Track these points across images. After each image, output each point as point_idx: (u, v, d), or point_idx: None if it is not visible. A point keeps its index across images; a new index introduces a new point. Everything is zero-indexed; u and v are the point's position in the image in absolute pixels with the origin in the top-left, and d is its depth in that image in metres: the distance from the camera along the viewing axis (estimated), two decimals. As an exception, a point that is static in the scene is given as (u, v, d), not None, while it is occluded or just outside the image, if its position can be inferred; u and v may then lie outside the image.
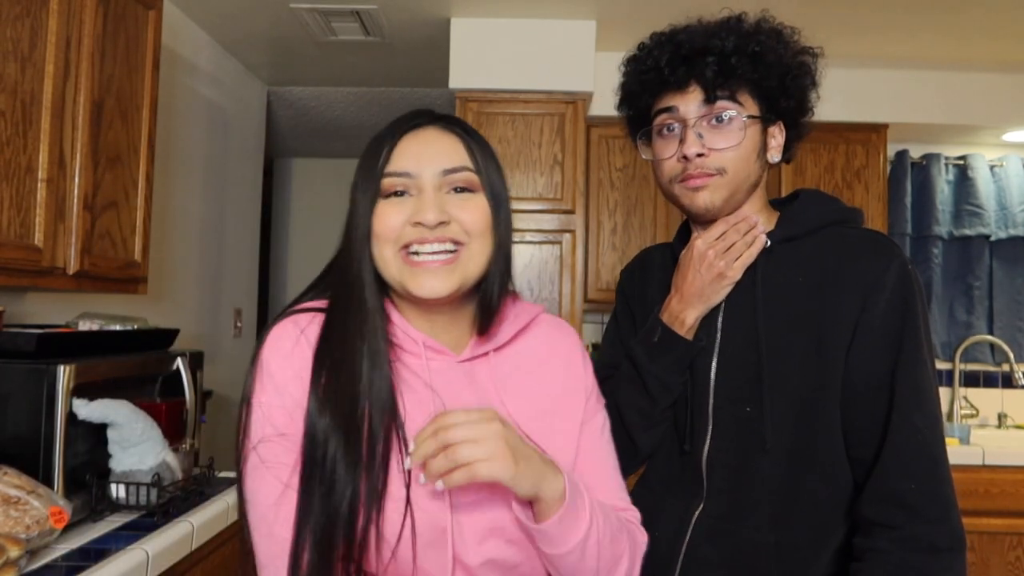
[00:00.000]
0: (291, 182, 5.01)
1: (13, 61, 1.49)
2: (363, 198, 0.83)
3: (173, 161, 2.63)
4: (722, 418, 1.02)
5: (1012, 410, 3.22)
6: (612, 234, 2.99)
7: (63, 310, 2.04)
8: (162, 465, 1.63)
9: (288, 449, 0.78)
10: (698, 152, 0.99)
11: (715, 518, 1.00)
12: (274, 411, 0.79)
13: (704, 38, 1.01)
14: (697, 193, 1.01)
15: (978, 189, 3.15)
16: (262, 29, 2.82)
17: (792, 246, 1.02)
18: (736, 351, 1.02)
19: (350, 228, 0.85)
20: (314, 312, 0.85)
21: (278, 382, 0.80)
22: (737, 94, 1.00)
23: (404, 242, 0.82)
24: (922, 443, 0.90)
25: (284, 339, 0.82)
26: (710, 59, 0.99)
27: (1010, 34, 2.67)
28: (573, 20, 2.70)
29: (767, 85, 1.01)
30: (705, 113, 1.00)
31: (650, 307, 1.12)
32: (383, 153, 0.84)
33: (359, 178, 0.85)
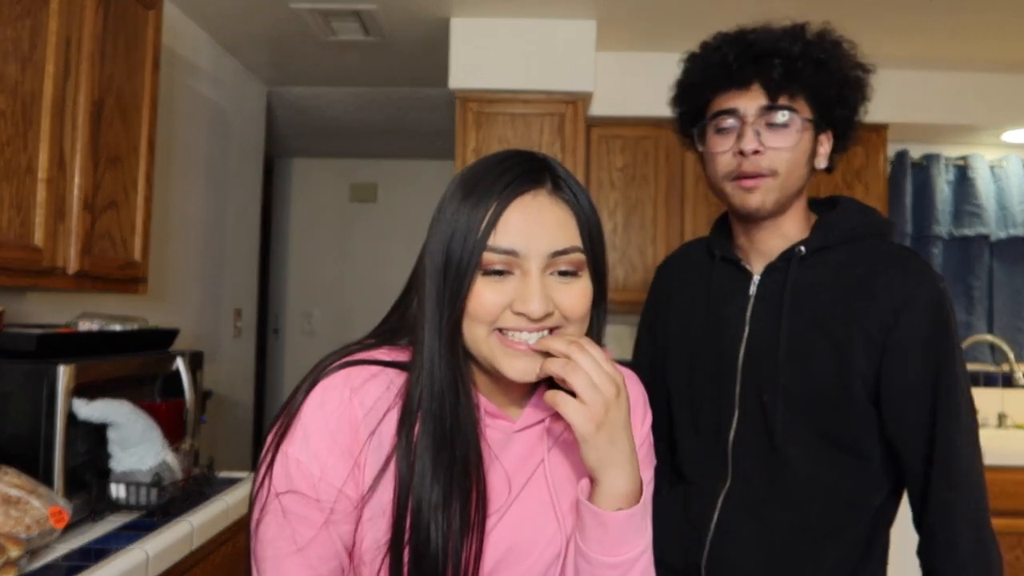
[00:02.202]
0: (291, 182, 5.01)
1: (13, 61, 1.49)
2: (459, 267, 0.73)
3: (173, 161, 2.63)
4: (747, 404, 1.08)
5: (1012, 410, 3.22)
6: (612, 234, 2.99)
7: (63, 310, 2.04)
8: (162, 465, 1.63)
9: (312, 510, 0.73)
10: (755, 149, 1.03)
11: (742, 498, 1.07)
12: (302, 470, 0.73)
13: (772, 41, 1.04)
14: (750, 194, 1.05)
15: (978, 189, 3.15)
16: (262, 29, 2.82)
17: (825, 253, 1.08)
18: (761, 343, 1.07)
19: (441, 292, 0.75)
20: (371, 365, 0.77)
21: (312, 446, 0.73)
22: (796, 98, 1.04)
23: (500, 326, 0.75)
24: (961, 457, 0.99)
25: (330, 400, 0.74)
26: (776, 61, 1.03)
27: (1010, 34, 2.67)
28: (573, 20, 2.70)
29: (825, 93, 1.05)
30: (764, 113, 1.04)
31: (678, 305, 1.22)
32: (486, 218, 0.73)
33: (455, 242, 0.74)
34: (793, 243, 1.09)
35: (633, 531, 0.76)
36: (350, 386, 0.75)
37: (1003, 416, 3.18)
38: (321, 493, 0.73)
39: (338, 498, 0.74)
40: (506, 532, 0.78)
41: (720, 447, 1.10)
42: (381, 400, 0.75)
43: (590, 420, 0.72)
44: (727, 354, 1.11)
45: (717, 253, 1.17)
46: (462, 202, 0.75)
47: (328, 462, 0.73)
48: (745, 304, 1.11)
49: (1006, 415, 3.18)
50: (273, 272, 4.89)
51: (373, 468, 0.74)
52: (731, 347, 1.11)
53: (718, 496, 1.09)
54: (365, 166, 4.92)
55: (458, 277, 0.73)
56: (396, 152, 4.71)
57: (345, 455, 0.73)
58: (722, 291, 1.15)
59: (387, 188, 4.91)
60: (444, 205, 0.77)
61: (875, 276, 1.03)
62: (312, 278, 4.90)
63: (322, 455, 0.73)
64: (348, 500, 0.74)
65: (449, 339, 0.75)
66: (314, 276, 4.90)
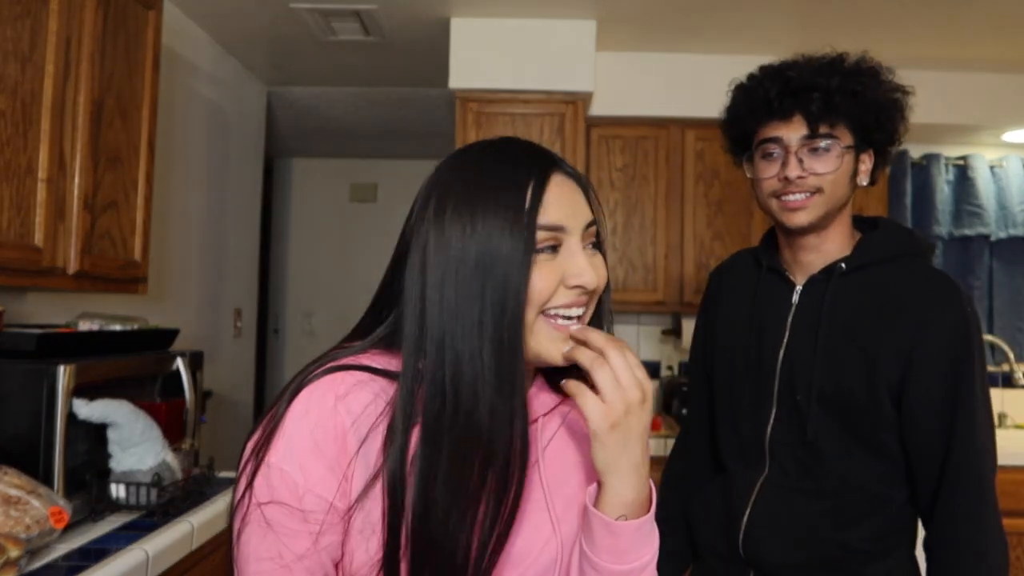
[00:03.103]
0: (291, 182, 5.01)
1: (13, 61, 1.49)
2: (511, 254, 0.69)
3: (173, 161, 2.63)
4: (784, 402, 1.20)
5: (1012, 410, 3.22)
6: (612, 234, 2.99)
7: (63, 310, 2.04)
8: (162, 465, 1.63)
9: (297, 522, 0.70)
10: (798, 175, 1.13)
11: (777, 485, 1.19)
12: (286, 481, 0.70)
13: (811, 75, 1.14)
14: (795, 213, 1.16)
15: (978, 189, 3.15)
16: (262, 29, 2.82)
17: (864, 270, 1.18)
18: (799, 348, 1.19)
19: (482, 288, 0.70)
20: (359, 371, 0.73)
21: (297, 455, 0.70)
22: (836, 126, 1.14)
23: (551, 306, 0.72)
24: (974, 467, 1.12)
25: (315, 408, 0.71)
26: (815, 95, 1.12)
27: (1010, 34, 2.67)
28: (573, 20, 2.70)
29: (863, 119, 1.15)
30: (806, 141, 1.14)
31: (726, 310, 1.33)
32: (529, 195, 0.71)
33: (497, 219, 0.70)
34: (833, 258, 1.20)
35: (642, 540, 0.74)
36: (335, 393, 0.71)
37: (1003, 416, 3.18)
38: (306, 504, 0.70)
39: (323, 509, 0.70)
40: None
41: (759, 440, 1.22)
42: (370, 407, 0.72)
43: (606, 417, 0.70)
44: (768, 356, 1.22)
45: (764, 263, 1.28)
46: (487, 190, 0.72)
47: (313, 472, 0.70)
48: (787, 312, 1.22)
49: (1006, 415, 3.18)
50: (273, 272, 4.89)
51: (361, 479, 0.71)
52: (772, 350, 1.22)
53: (755, 483, 1.21)
54: (365, 166, 4.92)
55: (512, 265, 0.69)
56: (396, 152, 4.71)
57: (331, 465, 0.70)
58: (767, 298, 1.26)
59: (387, 188, 4.91)
60: (447, 200, 0.73)
61: (907, 294, 1.14)
62: (312, 278, 4.90)
63: (307, 465, 0.70)
64: (335, 512, 0.70)
65: (510, 335, 0.70)
66: (314, 276, 4.90)
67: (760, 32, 2.70)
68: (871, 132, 1.16)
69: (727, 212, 2.98)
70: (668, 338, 3.29)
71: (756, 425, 1.22)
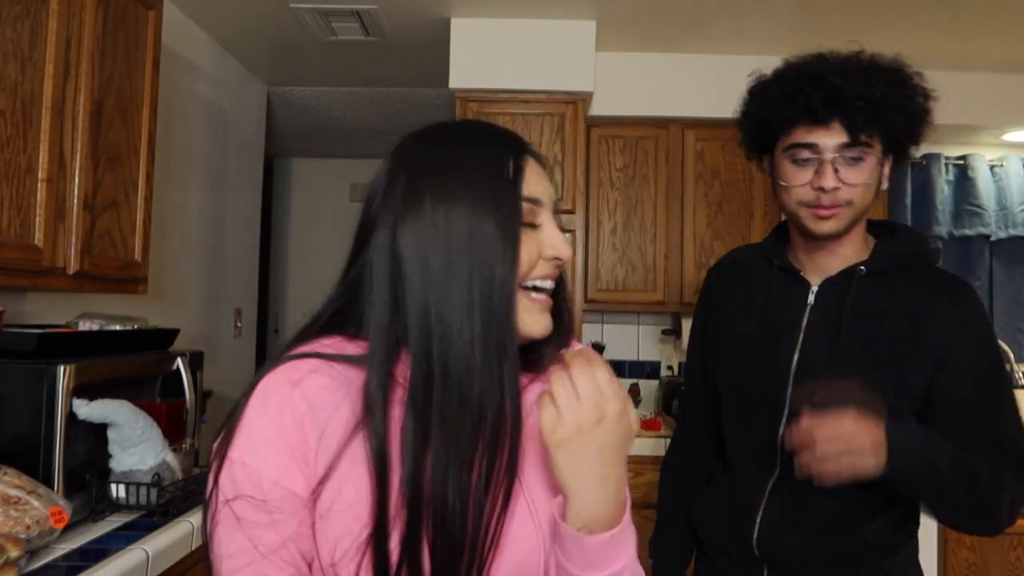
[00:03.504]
0: (291, 182, 5.01)
1: (13, 61, 1.49)
2: (499, 221, 0.70)
3: (173, 161, 2.63)
4: (798, 405, 1.15)
5: (1012, 410, 3.22)
6: (612, 234, 2.99)
7: (63, 310, 2.04)
8: (162, 465, 1.63)
9: (262, 514, 0.70)
10: (834, 186, 1.11)
11: (790, 486, 1.18)
12: (248, 473, 0.70)
13: (856, 83, 1.09)
14: (825, 222, 1.14)
15: (978, 189, 3.15)
16: (262, 29, 2.82)
17: (883, 275, 1.18)
18: (815, 352, 1.18)
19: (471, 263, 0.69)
20: (313, 359, 0.73)
21: (258, 447, 0.70)
22: (872, 136, 1.12)
23: (530, 277, 0.73)
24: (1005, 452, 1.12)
25: (272, 397, 0.71)
26: (859, 103, 1.09)
27: (1010, 34, 2.67)
28: (573, 20, 2.70)
29: (898, 129, 1.13)
30: (843, 149, 1.11)
31: (732, 307, 1.30)
32: (510, 170, 0.72)
33: (479, 194, 0.70)
34: (849, 261, 1.19)
35: (612, 551, 0.71)
36: (291, 381, 0.71)
37: (1003, 416, 3.17)
38: (269, 494, 0.69)
39: (287, 498, 0.70)
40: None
41: (771, 440, 1.20)
42: (326, 391, 0.71)
43: (552, 433, 0.68)
44: (782, 357, 1.21)
45: (776, 262, 1.26)
46: (465, 166, 0.72)
47: (275, 461, 0.69)
48: (802, 312, 1.21)
49: (1006, 415, 3.18)
50: (273, 272, 4.89)
51: (324, 463, 0.70)
52: (786, 351, 1.20)
53: (767, 483, 1.21)
54: (365, 166, 4.92)
55: (499, 237, 0.70)
56: (396, 152, 4.71)
57: (293, 453, 0.70)
58: (779, 298, 1.24)
59: (387, 188, 4.91)
60: (419, 178, 0.72)
61: (932, 301, 1.14)
62: (312, 278, 4.90)
63: (268, 455, 0.69)
64: (298, 499, 0.70)
65: (501, 305, 0.69)
66: (314, 276, 4.90)
67: (760, 32, 2.70)
68: (901, 140, 1.15)
69: (727, 212, 2.98)
70: (668, 338, 3.29)
71: (768, 427, 1.21)
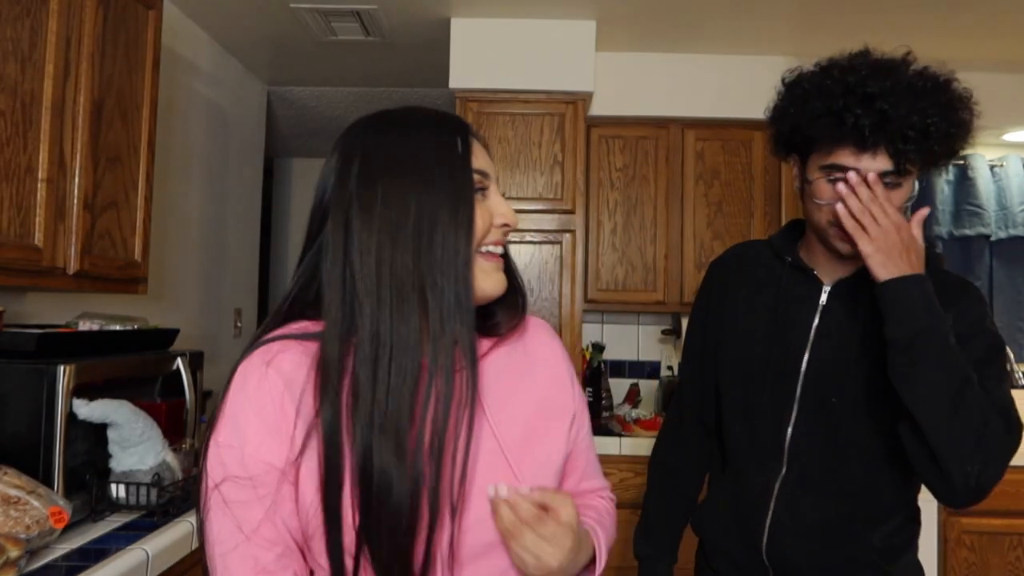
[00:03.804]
0: (291, 182, 5.00)
1: (13, 61, 1.49)
2: (454, 192, 0.75)
3: (173, 161, 2.63)
4: (808, 404, 1.17)
5: (1012, 410, 3.22)
6: (612, 234, 2.99)
7: (63, 310, 2.04)
8: (162, 465, 1.63)
9: (248, 491, 0.72)
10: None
11: (798, 486, 1.17)
12: (233, 454, 0.73)
13: (908, 109, 1.03)
14: (849, 244, 1.08)
15: (978, 189, 3.15)
16: (262, 29, 2.82)
17: None
18: (829, 354, 1.16)
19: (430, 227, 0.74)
20: (284, 340, 0.78)
21: (240, 427, 0.73)
22: (915, 162, 1.07)
23: (484, 242, 0.79)
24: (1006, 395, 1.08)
25: (249, 379, 0.75)
26: (911, 134, 1.03)
27: (1010, 34, 2.67)
28: (573, 20, 2.70)
29: (943, 152, 1.08)
30: (884, 175, 1.06)
31: (738, 303, 1.27)
32: (459, 145, 0.77)
33: (433, 169, 0.75)
34: (859, 262, 1.12)
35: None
36: (264, 361, 0.75)
37: (1003, 416, 3.18)
38: (251, 470, 0.72)
39: (269, 471, 0.72)
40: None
41: (777, 440, 1.18)
42: (298, 368, 0.74)
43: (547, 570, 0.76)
44: (791, 356, 1.19)
45: (787, 259, 1.23)
46: (417, 146, 0.76)
47: (255, 439, 0.72)
48: (813, 312, 1.19)
49: (1006, 415, 3.18)
50: (273, 272, 4.89)
51: (302, 435, 0.73)
52: (796, 350, 1.18)
53: (772, 485, 1.18)
54: (365, 166, 4.91)
55: (456, 207, 0.75)
56: (396, 152, 4.70)
57: (272, 429, 0.73)
58: (790, 296, 1.22)
59: (387, 188, 4.90)
60: (371, 162, 0.76)
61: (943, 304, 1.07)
62: (312, 278, 4.89)
63: (249, 433, 0.72)
64: (279, 473, 0.73)
65: (463, 268, 0.75)
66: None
67: (760, 32, 2.70)
68: (939, 162, 1.11)
69: (727, 212, 2.98)
70: (668, 338, 3.29)
71: (774, 426, 1.19)
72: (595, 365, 2.96)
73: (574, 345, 2.68)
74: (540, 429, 0.86)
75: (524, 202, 2.70)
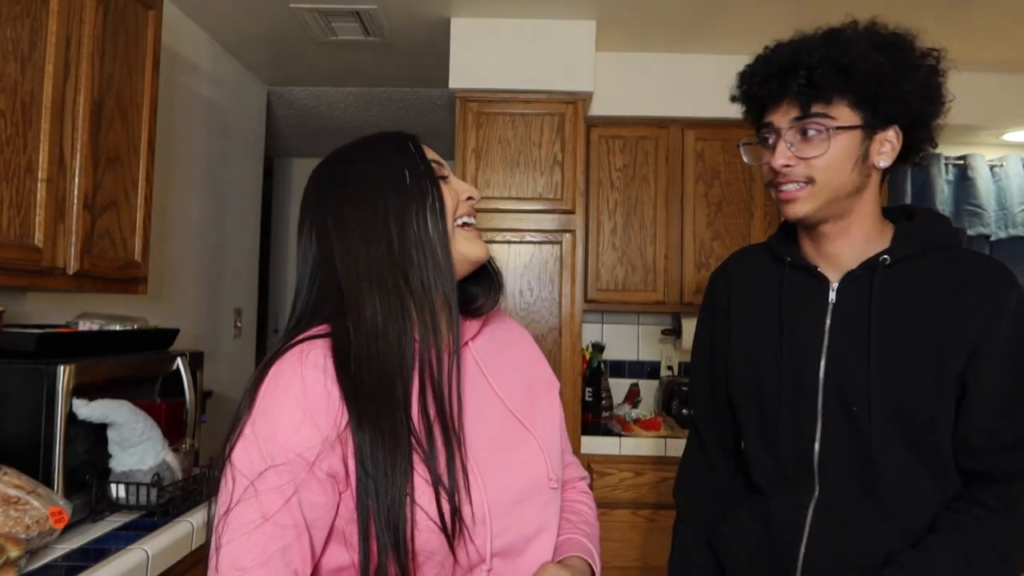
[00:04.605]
0: (291, 182, 5.00)
1: (13, 61, 1.49)
2: (423, 182, 0.88)
3: (173, 161, 2.63)
4: (832, 415, 1.07)
5: (1012, 410, 3.21)
6: (612, 234, 2.99)
7: (63, 310, 2.04)
8: (162, 465, 1.63)
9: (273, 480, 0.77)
10: (784, 163, 1.05)
11: (834, 508, 1.06)
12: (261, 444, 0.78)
13: (792, 55, 1.05)
14: (789, 205, 1.07)
15: (978, 189, 3.15)
16: (262, 29, 2.82)
17: (908, 262, 1.07)
18: (845, 356, 1.07)
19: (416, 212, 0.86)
20: (309, 340, 0.84)
21: (273, 418, 0.79)
22: (832, 105, 1.03)
23: (457, 216, 0.90)
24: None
25: (284, 374, 0.81)
26: (801, 72, 1.03)
27: (1010, 34, 2.67)
28: (573, 20, 2.70)
29: (864, 94, 1.03)
30: (795, 123, 1.05)
31: (742, 313, 1.20)
32: (411, 148, 0.91)
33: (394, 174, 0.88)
34: (868, 251, 1.09)
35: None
36: (298, 358, 0.81)
37: (1003, 416, 3.17)
38: (279, 459, 0.77)
39: (297, 463, 0.77)
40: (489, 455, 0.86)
41: (803, 458, 1.09)
42: (327, 358, 0.82)
43: None
44: (806, 363, 1.09)
45: (788, 259, 1.15)
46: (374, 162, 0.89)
47: (289, 430, 0.77)
48: (823, 312, 1.10)
49: (1006, 415, 3.18)
50: (273, 272, 4.89)
51: (344, 416, 0.79)
52: (811, 356, 1.09)
53: (806, 508, 1.08)
54: (365, 166, 4.91)
55: (429, 189, 0.88)
56: (396, 152, 4.70)
57: (312, 415, 0.78)
58: (796, 299, 1.13)
59: (387, 188, 4.90)
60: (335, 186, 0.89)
61: (966, 286, 1.04)
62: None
63: (281, 421, 0.78)
64: (305, 463, 0.77)
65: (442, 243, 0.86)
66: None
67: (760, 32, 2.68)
68: (877, 106, 1.04)
69: (727, 212, 2.98)
70: (668, 338, 3.29)
71: (799, 443, 1.08)
72: (595, 365, 2.97)
73: (574, 345, 2.68)
74: (538, 393, 0.97)
75: (524, 202, 2.70)
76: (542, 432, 0.92)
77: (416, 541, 0.77)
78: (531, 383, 0.98)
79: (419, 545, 0.77)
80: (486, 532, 0.81)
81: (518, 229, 2.70)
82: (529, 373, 0.99)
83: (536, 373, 1.01)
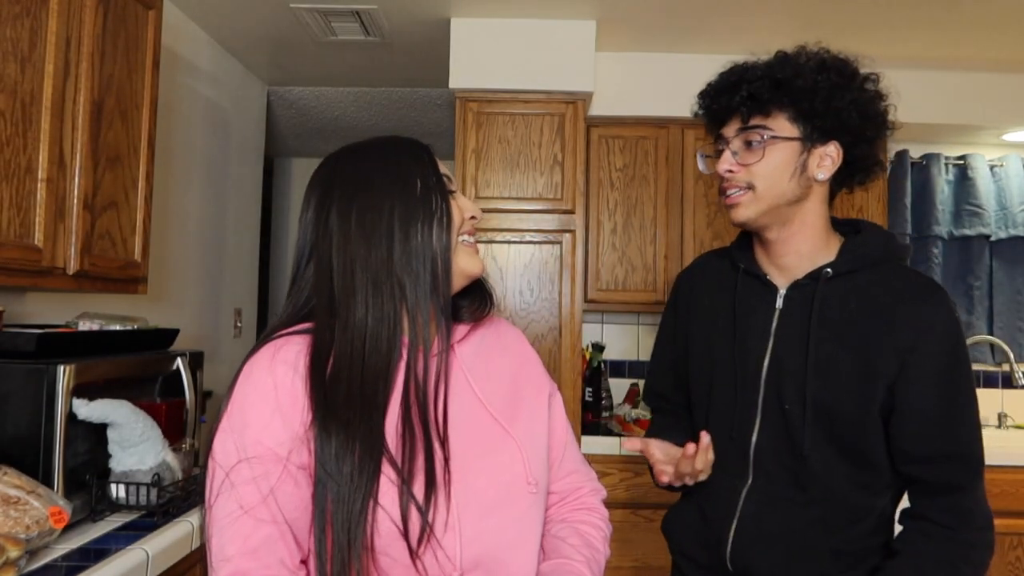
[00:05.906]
0: (291, 182, 5.00)
1: (13, 61, 1.49)
2: (434, 194, 0.89)
3: (173, 161, 2.63)
4: (769, 412, 1.17)
5: (1012, 410, 3.22)
6: (612, 234, 2.99)
7: (63, 310, 2.04)
8: (162, 465, 1.63)
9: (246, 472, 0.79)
10: (728, 169, 1.15)
11: (764, 495, 1.16)
12: (235, 437, 0.81)
13: (740, 73, 1.17)
14: (733, 209, 1.17)
15: (978, 189, 3.15)
16: (262, 29, 2.82)
17: (850, 276, 1.15)
18: (785, 357, 1.16)
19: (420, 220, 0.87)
20: (288, 336, 0.86)
21: (247, 411, 0.82)
22: (770, 118, 1.13)
23: (460, 232, 0.92)
24: (964, 461, 1.10)
25: (256, 370, 0.83)
26: (744, 87, 1.14)
27: (1010, 34, 2.67)
28: (573, 20, 2.70)
29: (801, 108, 1.12)
30: (739, 134, 1.15)
31: (701, 313, 1.29)
32: (426, 159, 0.92)
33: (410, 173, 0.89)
34: (816, 262, 1.17)
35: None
36: (269, 354, 0.83)
37: (1003, 416, 3.18)
38: (252, 453, 0.79)
39: (269, 456, 0.78)
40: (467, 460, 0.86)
41: (741, 449, 1.18)
42: (300, 355, 0.83)
43: None
44: (751, 363, 1.19)
45: (742, 266, 1.24)
46: (389, 167, 0.89)
47: (259, 425, 0.79)
48: (770, 317, 1.19)
49: (1006, 415, 3.18)
50: (273, 272, 4.89)
51: (310, 410, 0.80)
52: (755, 357, 1.18)
53: (739, 493, 1.18)
54: (365, 166, 4.91)
55: (439, 202, 0.89)
56: (396, 152, 4.70)
57: (280, 411, 0.80)
58: (747, 303, 1.22)
59: (387, 188, 4.90)
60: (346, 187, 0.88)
61: (899, 302, 1.11)
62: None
63: (252, 416, 0.80)
64: (282, 460, 0.79)
65: (443, 255, 0.88)
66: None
67: (759, 32, 2.69)
68: (811, 120, 1.12)
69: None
70: (668, 338, 3.29)
71: (740, 434, 1.19)
72: (595, 365, 2.96)
73: (574, 345, 2.68)
74: (521, 398, 0.97)
75: (524, 202, 2.70)
76: (524, 435, 0.92)
77: (376, 545, 0.77)
78: (517, 387, 0.98)
79: (380, 549, 0.77)
80: (455, 538, 0.80)
81: (518, 229, 2.70)
82: (516, 377, 1.00)
83: (525, 377, 1.01)
